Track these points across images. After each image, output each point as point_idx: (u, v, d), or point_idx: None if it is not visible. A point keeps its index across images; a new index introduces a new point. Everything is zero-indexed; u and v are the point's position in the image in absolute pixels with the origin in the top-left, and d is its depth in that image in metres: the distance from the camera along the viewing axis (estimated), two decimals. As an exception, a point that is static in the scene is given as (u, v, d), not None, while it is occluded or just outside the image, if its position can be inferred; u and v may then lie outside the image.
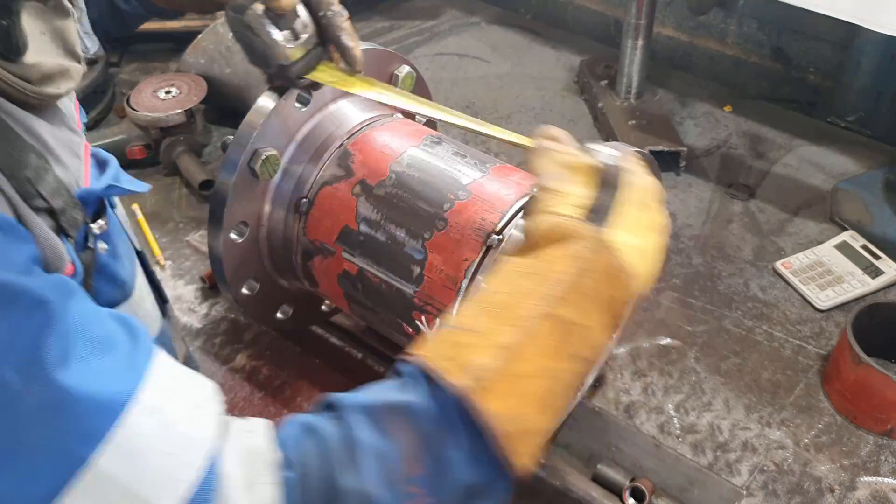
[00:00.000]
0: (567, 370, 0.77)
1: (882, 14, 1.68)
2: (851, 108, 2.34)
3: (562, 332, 0.76)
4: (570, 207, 0.87)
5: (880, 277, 1.79)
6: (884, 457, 1.49)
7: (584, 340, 0.79)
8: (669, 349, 1.69)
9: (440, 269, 1.21)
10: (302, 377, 1.67)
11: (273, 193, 1.34)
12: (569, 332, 0.76)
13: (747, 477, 1.45)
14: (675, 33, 2.70)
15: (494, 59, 2.65)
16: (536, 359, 0.74)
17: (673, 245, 1.94)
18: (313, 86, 1.24)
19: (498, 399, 0.72)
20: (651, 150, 2.06)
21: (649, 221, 0.88)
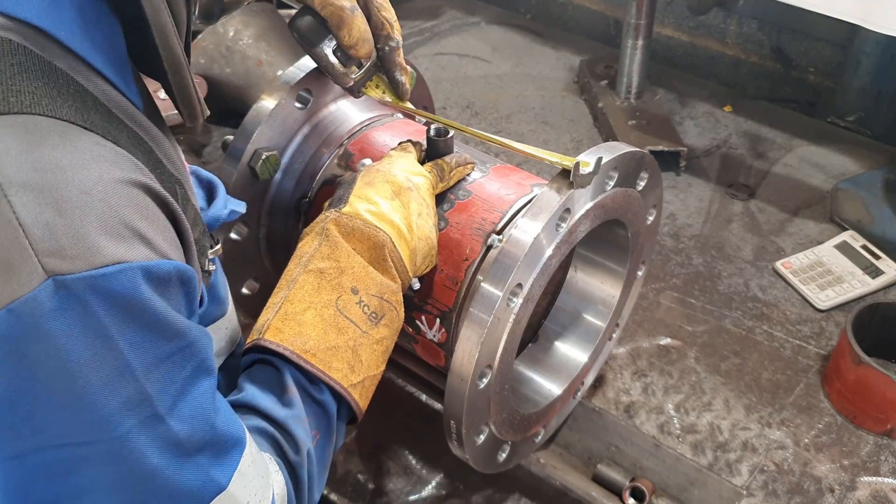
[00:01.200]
0: (333, 298, 1.01)
1: (882, 14, 1.68)
2: (851, 108, 2.35)
3: (317, 275, 1.02)
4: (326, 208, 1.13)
5: (880, 277, 1.79)
6: (884, 457, 1.49)
7: (343, 275, 1.02)
8: (669, 349, 1.69)
9: (440, 269, 1.21)
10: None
11: (273, 193, 1.34)
12: (323, 273, 1.02)
13: (747, 477, 1.45)
14: (675, 33, 2.70)
15: (494, 59, 2.65)
16: (303, 298, 1.00)
17: (673, 245, 1.94)
18: None
19: (277, 333, 0.97)
20: (651, 150, 2.06)
21: (375, 191, 1.09)
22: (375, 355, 1.03)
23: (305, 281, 1.02)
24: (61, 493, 0.72)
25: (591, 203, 1.18)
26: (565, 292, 1.50)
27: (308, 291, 1.01)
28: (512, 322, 1.11)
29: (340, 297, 1.01)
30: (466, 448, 1.19)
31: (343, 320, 1.00)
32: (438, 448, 1.52)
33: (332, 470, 1.50)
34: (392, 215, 1.08)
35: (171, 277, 0.74)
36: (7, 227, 0.65)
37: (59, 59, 0.73)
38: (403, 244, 1.08)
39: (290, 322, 0.98)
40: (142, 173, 0.75)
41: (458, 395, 1.11)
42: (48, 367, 0.67)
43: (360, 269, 1.03)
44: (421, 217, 1.11)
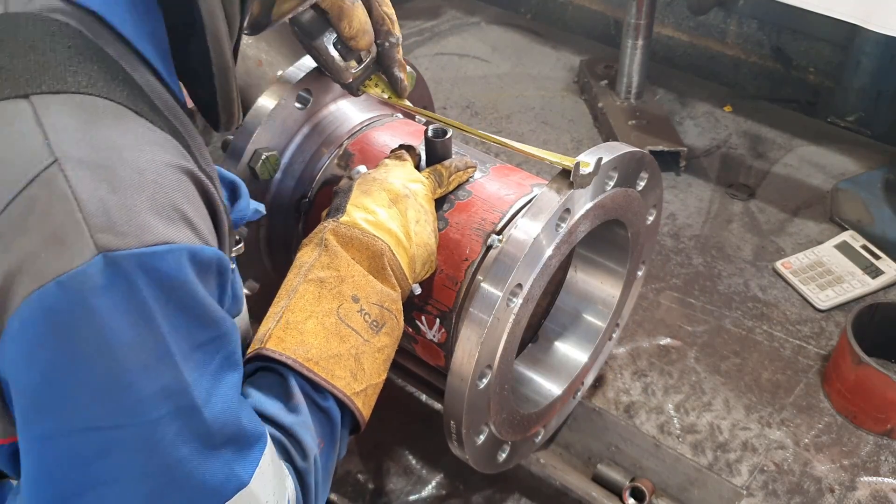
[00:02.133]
0: (334, 307, 1.01)
1: (882, 14, 1.68)
2: (851, 108, 2.35)
3: (317, 284, 1.02)
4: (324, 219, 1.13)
5: (880, 277, 1.79)
6: (884, 457, 1.49)
7: (343, 284, 1.02)
8: (669, 349, 1.69)
9: (440, 269, 1.21)
10: (302, 377, 1.67)
11: (273, 193, 1.34)
12: (323, 282, 1.02)
13: (747, 477, 1.45)
14: (675, 33, 2.70)
15: (494, 59, 2.65)
16: (304, 307, 1.00)
17: (673, 245, 1.94)
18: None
19: (279, 342, 0.97)
20: (651, 150, 2.06)
21: (372, 200, 1.09)
22: (377, 363, 1.03)
23: (306, 290, 1.02)
24: (86, 480, 0.71)
25: (590, 203, 1.18)
26: (565, 292, 1.50)
27: (309, 301, 1.01)
28: (512, 322, 1.11)
29: (342, 305, 1.01)
30: (466, 448, 1.19)
31: (345, 328, 1.00)
32: (438, 448, 1.52)
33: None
34: (389, 223, 1.08)
35: (211, 264, 0.75)
36: (63, 200, 0.66)
37: (109, 47, 0.76)
38: (402, 252, 1.08)
39: (292, 331, 0.98)
40: (187, 161, 0.77)
41: (458, 395, 1.11)
42: (90, 344, 0.67)
43: (360, 277, 1.04)
44: (419, 224, 1.11)
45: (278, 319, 0.99)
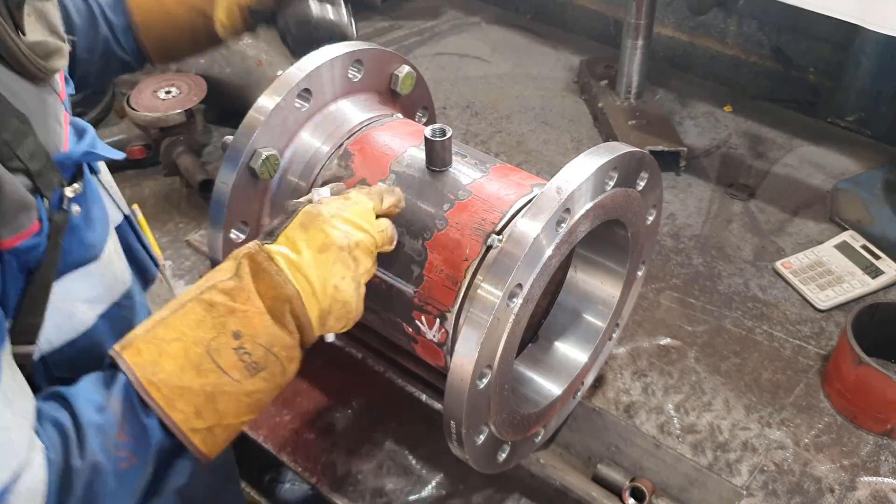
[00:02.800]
0: (207, 338, 0.95)
1: (882, 14, 1.68)
2: (851, 108, 2.34)
3: (206, 307, 0.96)
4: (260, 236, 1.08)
5: (880, 277, 1.79)
6: (884, 457, 1.49)
7: (231, 316, 0.96)
8: (669, 349, 1.69)
9: (440, 269, 1.21)
10: (302, 377, 1.67)
11: (273, 193, 1.34)
12: (213, 307, 0.96)
13: (747, 477, 1.45)
14: (675, 33, 2.70)
15: (494, 59, 2.65)
16: (177, 326, 0.95)
17: (673, 245, 1.94)
18: None
19: (135, 353, 0.93)
20: (651, 150, 2.06)
21: (306, 238, 1.03)
22: (240, 406, 0.98)
23: (192, 309, 0.97)
24: None
25: (590, 203, 1.18)
26: (565, 292, 1.50)
27: (188, 322, 0.96)
28: (512, 322, 1.11)
29: (216, 338, 0.95)
30: (466, 448, 1.19)
31: (208, 363, 0.94)
32: (438, 448, 1.52)
33: (332, 469, 1.51)
34: (309, 270, 1.02)
35: None
36: None
37: None
38: (314, 303, 1.02)
39: (153, 347, 0.94)
40: None
41: (458, 396, 1.11)
42: None
43: (255, 315, 0.98)
44: (344, 280, 1.05)
45: (149, 329, 0.96)
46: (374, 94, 1.44)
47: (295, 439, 1.56)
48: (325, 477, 1.50)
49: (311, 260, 1.02)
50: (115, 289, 1.09)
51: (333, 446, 1.55)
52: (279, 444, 1.56)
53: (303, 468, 1.52)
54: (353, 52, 1.36)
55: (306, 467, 1.52)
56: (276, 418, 1.60)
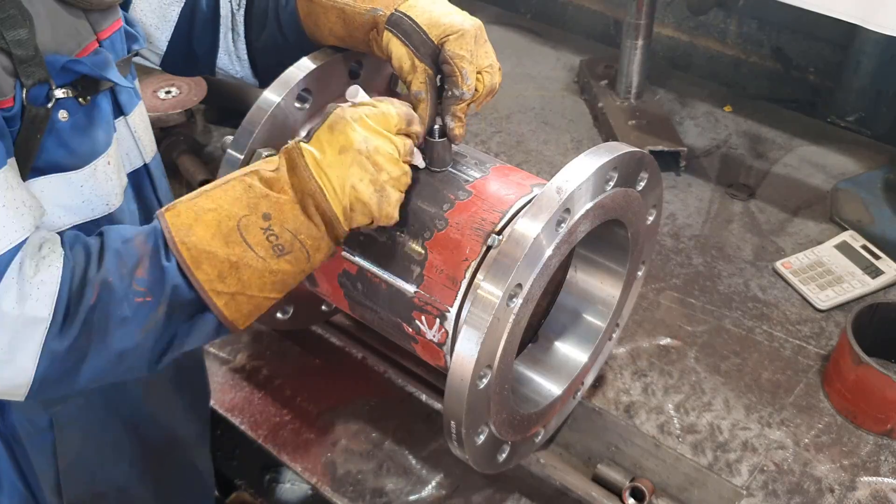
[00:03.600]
0: (240, 214, 1.04)
1: (882, 14, 1.68)
2: (851, 108, 2.35)
3: (245, 187, 1.06)
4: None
5: (880, 277, 1.79)
6: (884, 457, 1.49)
7: (264, 199, 1.05)
8: (669, 349, 1.69)
9: (440, 269, 1.20)
10: (302, 377, 1.67)
11: (273, 193, 1.34)
12: (250, 188, 1.06)
13: (747, 477, 1.45)
14: (675, 33, 2.70)
15: (494, 59, 2.65)
16: (217, 199, 1.05)
17: (673, 245, 1.94)
18: None
19: (176, 215, 1.03)
20: (651, 150, 2.06)
21: (329, 139, 1.10)
22: (263, 281, 1.06)
23: (233, 186, 1.06)
24: None
25: (590, 203, 1.18)
26: (565, 292, 1.50)
27: (227, 197, 1.05)
28: (512, 322, 1.11)
29: (247, 216, 1.04)
30: (466, 448, 1.19)
31: (235, 237, 1.03)
32: (438, 448, 1.52)
33: (332, 469, 1.51)
34: (329, 170, 1.08)
35: None
36: None
37: None
38: (336, 201, 1.09)
39: (191, 213, 1.03)
40: None
41: (458, 395, 1.11)
42: None
43: (285, 203, 1.06)
44: (361, 182, 1.09)
45: (195, 196, 1.06)
46: (374, 94, 1.44)
47: (295, 439, 1.56)
48: (325, 477, 1.50)
49: (331, 160, 1.09)
50: (95, 206, 1.15)
51: (333, 446, 1.55)
52: (279, 444, 1.56)
53: (303, 468, 1.52)
54: (353, 52, 1.36)
55: (306, 467, 1.52)
56: (276, 418, 1.60)
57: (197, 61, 1.41)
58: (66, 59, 1.04)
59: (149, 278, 1.00)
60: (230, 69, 1.43)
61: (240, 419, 1.60)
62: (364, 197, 1.10)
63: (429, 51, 1.19)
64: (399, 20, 1.20)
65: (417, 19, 1.20)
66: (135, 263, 1.00)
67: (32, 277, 0.95)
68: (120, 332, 1.00)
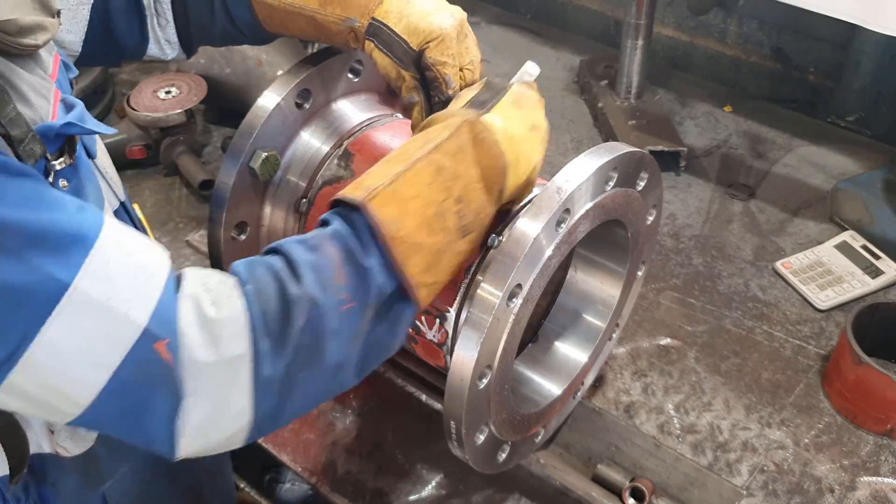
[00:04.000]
0: (439, 199, 1.00)
1: (882, 14, 1.68)
2: (851, 108, 2.34)
3: (436, 169, 1.01)
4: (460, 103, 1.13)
5: (880, 277, 1.79)
6: (884, 457, 1.49)
7: (456, 181, 1.02)
8: (669, 349, 1.69)
9: (440, 269, 1.20)
10: (302, 377, 1.67)
11: (273, 193, 1.34)
12: (441, 170, 1.01)
13: (747, 477, 1.45)
14: (675, 33, 2.70)
15: (494, 59, 2.65)
16: (415, 184, 0.99)
17: (673, 245, 1.94)
18: None
19: (382, 205, 0.96)
20: (651, 150, 2.06)
21: (520, 115, 1.09)
22: (451, 265, 1.04)
23: (423, 169, 1.01)
24: None
25: (590, 203, 1.18)
26: (565, 292, 1.50)
27: (422, 181, 1.00)
28: (512, 322, 1.11)
29: (446, 200, 1.01)
30: (466, 448, 1.19)
31: (438, 223, 1.00)
32: (438, 448, 1.52)
33: (332, 469, 1.51)
34: (521, 146, 1.08)
35: None
36: None
37: None
38: (514, 177, 1.09)
39: (396, 201, 0.98)
40: None
41: (458, 396, 1.11)
42: None
43: (472, 182, 1.03)
44: (539, 162, 1.12)
45: (390, 182, 0.98)
46: (374, 94, 1.44)
47: (295, 439, 1.56)
48: (325, 477, 1.50)
49: (522, 135, 1.08)
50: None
51: (333, 446, 1.55)
52: (279, 444, 1.56)
53: (303, 468, 1.52)
54: (353, 52, 1.36)
55: (306, 467, 1.52)
56: (276, 418, 1.60)
57: (122, 53, 1.35)
58: (59, 125, 0.96)
59: (349, 282, 0.94)
60: (159, 55, 1.37)
61: (240, 419, 1.60)
62: (533, 176, 1.11)
63: (411, 59, 1.20)
64: (378, 31, 1.19)
65: (395, 28, 1.18)
66: (332, 271, 0.93)
67: (216, 316, 0.87)
68: (332, 345, 0.94)
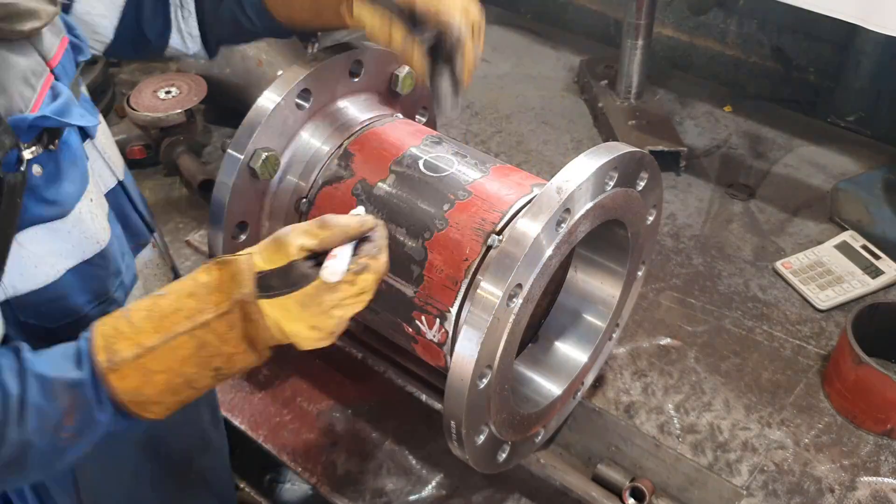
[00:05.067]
0: (193, 373, 0.99)
1: (882, 14, 1.68)
2: (851, 108, 2.34)
3: (199, 345, 0.98)
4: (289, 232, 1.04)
5: (880, 277, 1.79)
6: (884, 457, 1.49)
7: (217, 356, 1.00)
8: (669, 349, 1.69)
9: (440, 269, 1.21)
10: (302, 377, 1.67)
11: (273, 193, 1.34)
12: (204, 346, 0.98)
13: (747, 477, 1.45)
14: (675, 33, 2.70)
15: (494, 59, 2.65)
16: (168, 359, 0.98)
17: (673, 245, 1.94)
18: None
19: (123, 380, 0.96)
20: (651, 150, 2.06)
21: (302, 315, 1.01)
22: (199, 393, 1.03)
23: (182, 344, 0.98)
24: None
25: (590, 203, 1.18)
26: (565, 292, 1.50)
27: (176, 357, 0.98)
28: (512, 322, 1.11)
29: (198, 372, 1.00)
30: (466, 448, 1.19)
31: (186, 389, 1.01)
32: (438, 448, 1.52)
33: (332, 469, 1.51)
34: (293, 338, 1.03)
35: None
36: None
37: None
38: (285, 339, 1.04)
39: (141, 373, 0.97)
40: None
41: (458, 395, 1.11)
42: None
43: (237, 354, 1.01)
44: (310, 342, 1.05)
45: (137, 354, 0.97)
46: (375, 94, 1.44)
47: (295, 439, 1.56)
48: (325, 477, 1.50)
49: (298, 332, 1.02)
50: (86, 248, 1.10)
51: (333, 446, 1.55)
52: (279, 444, 1.56)
53: (303, 468, 1.52)
54: (353, 52, 1.36)
55: (306, 467, 1.52)
56: (276, 418, 1.60)
57: (148, 44, 1.36)
58: (31, 118, 0.96)
59: (77, 425, 0.96)
60: (181, 48, 1.38)
61: (240, 419, 1.60)
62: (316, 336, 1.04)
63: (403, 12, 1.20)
64: None
65: None
66: (60, 418, 0.95)
67: None
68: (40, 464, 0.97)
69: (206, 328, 0.99)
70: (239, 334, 1.00)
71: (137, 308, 1.01)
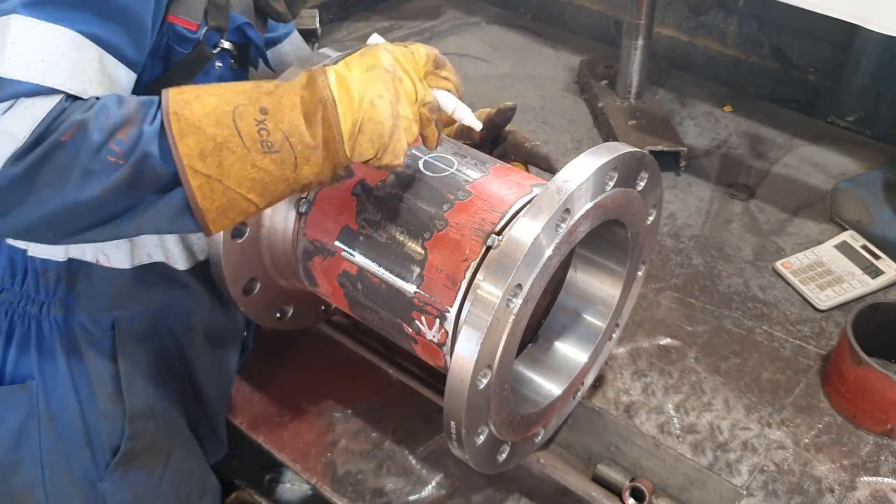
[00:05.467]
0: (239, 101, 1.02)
1: (882, 14, 1.68)
2: (851, 108, 2.35)
3: (253, 85, 1.05)
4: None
5: (880, 277, 1.79)
6: (884, 457, 1.49)
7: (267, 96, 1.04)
8: (669, 349, 1.69)
9: (440, 269, 1.20)
10: (302, 377, 1.67)
11: (273, 193, 1.34)
12: (259, 86, 1.05)
13: (747, 477, 1.45)
14: (675, 33, 2.70)
15: (494, 59, 2.65)
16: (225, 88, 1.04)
17: (673, 245, 1.94)
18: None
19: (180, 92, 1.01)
20: (651, 150, 2.06)
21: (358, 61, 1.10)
22: (244, 173, 1.02)
23: (245, 83, 1.07)
24: None
25: (590, 203, 1.18)
26: (565, 292, 1.50)
27: (234, 88, 1.04)
28: (511, 322, 1.11)
29: (244, 105, 1.02)
30: (466, 448, 1.19)
31: (228, 121, 1.00)
32: (438, 448, 1.52)
33: (332, 469, 1.51)
34: (352, 83, 1.07)
35: None
36: None
37: None
38: (349, 115, 1.06)
39: (195, 93, 1.02)
40: None
41: (457, 396, 1.11)
42: None
43: (287, 103, 1.04)
44: (382, 99, 1.07)
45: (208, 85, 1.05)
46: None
47: (295, 439, 1.56)
48: (325, 477, 1.50)
49: (357, 75, 1.08)
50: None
51: (333, 446, 1.55)
52: (279, 444, 1.56)
53: (303, 468, 1.52)
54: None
55: (306, 467, 1.52)
56: (276, 418, 1.60)
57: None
58: (243, 21, 1.20)
59: (128, 142, 0.98)
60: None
61: (240, 419, 1.60)
62: (379, 116, 1.07)
63: None
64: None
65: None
66: (119, 123, 0.98)
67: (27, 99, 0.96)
68: (80, 182, 0.97)
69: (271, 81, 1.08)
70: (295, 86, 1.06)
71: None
